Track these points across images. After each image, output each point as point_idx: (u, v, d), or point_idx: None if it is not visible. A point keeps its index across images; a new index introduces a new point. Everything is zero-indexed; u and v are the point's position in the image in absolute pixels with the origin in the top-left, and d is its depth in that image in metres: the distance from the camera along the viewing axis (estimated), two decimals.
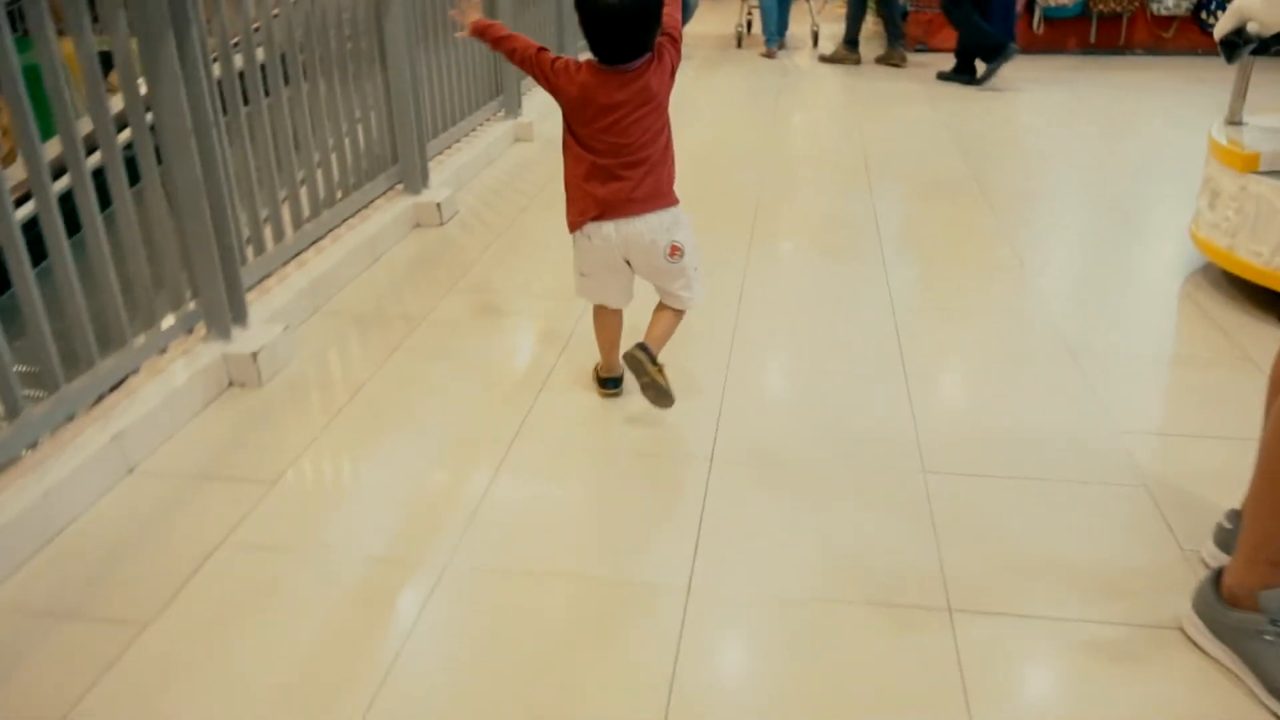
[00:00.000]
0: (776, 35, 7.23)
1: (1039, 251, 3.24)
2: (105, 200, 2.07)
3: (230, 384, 2.35)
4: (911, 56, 6.76)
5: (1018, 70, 6.36)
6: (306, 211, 2.95)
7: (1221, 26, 2.76)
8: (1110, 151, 4.55)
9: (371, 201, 3.37)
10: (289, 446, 2.10)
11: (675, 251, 2.05)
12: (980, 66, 5.93)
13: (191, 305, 2.36)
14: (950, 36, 6.91)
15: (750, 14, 7.82)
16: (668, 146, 2.04)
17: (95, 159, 2.04)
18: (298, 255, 2.88)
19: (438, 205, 3.48)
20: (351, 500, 1.95)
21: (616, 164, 1.98)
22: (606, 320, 2.22)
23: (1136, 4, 6.60)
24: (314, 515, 1.88)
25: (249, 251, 2.64)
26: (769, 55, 7.16)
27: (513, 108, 4.71)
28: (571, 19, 5.81)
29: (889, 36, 6.72)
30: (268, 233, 2.75)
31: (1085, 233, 3.47)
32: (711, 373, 2.39)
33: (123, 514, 1.87)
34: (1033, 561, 1.71)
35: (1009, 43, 5.72)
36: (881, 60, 6.73)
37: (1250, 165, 2.65)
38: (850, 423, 2.19)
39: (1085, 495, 1.91)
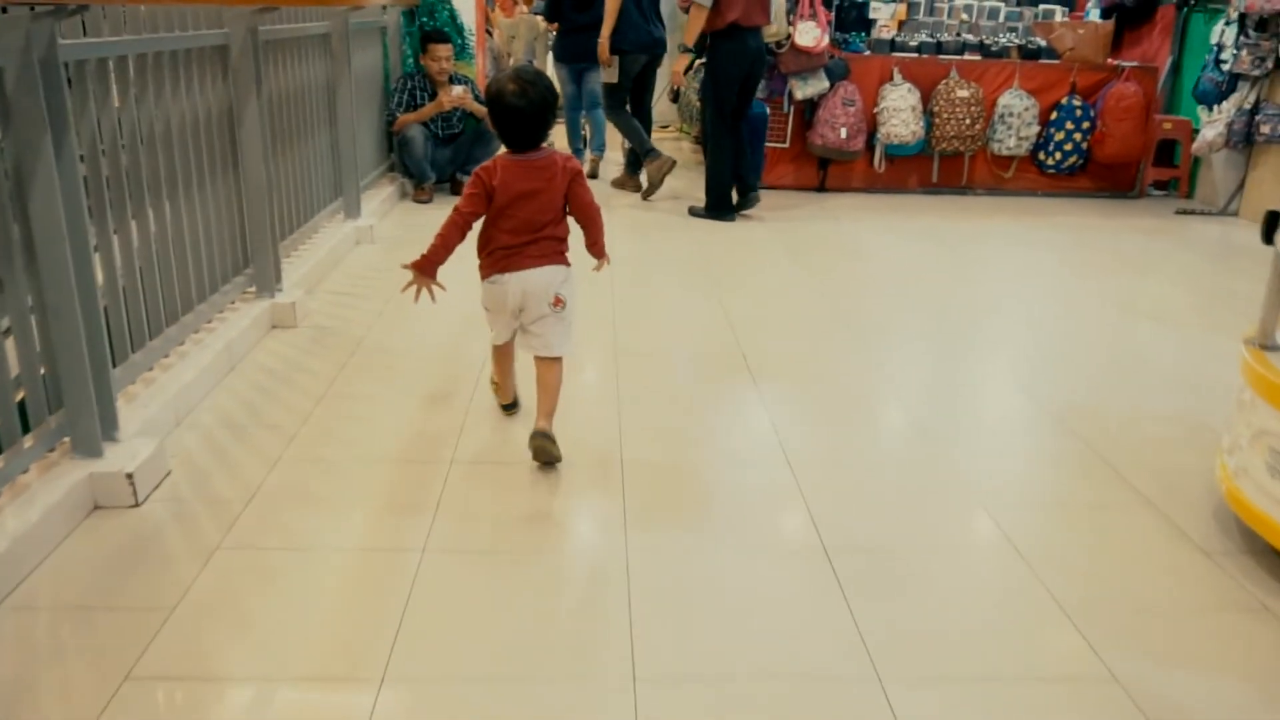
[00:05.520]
0: (586, 147, 6.70)
1: (1014, 512, 2.33)
2: None
3: None
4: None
5: (867, 212, 5.76)
6: None
7: None
8: (1011, 326, 3.84)
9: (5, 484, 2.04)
10: None
11: (559, 302, 2.41)
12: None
13: None
14: (787, 172, 6.32)
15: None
16: (563, 220, 2.42)
17: None
18: None
19: (128, 475, 2.19)
20: None
21: (522, 235, 2.34)
22: (502, 355, 2.64)
23: (978, 144, 6.20)
24: None
25: None
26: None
27: (266, 283, 3.44)
28: (349, 154, 4.68)
29: (628, 162, 6.22)
30: None
31: (1057, 477, 2.63)
32: None
33: None
34: None
35: (751, 193, 5.50)
36: (616, 184, 6.18)
37: None
38: None
39: None
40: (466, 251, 2.49)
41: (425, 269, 2.37)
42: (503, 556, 2.06)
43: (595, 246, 2.53)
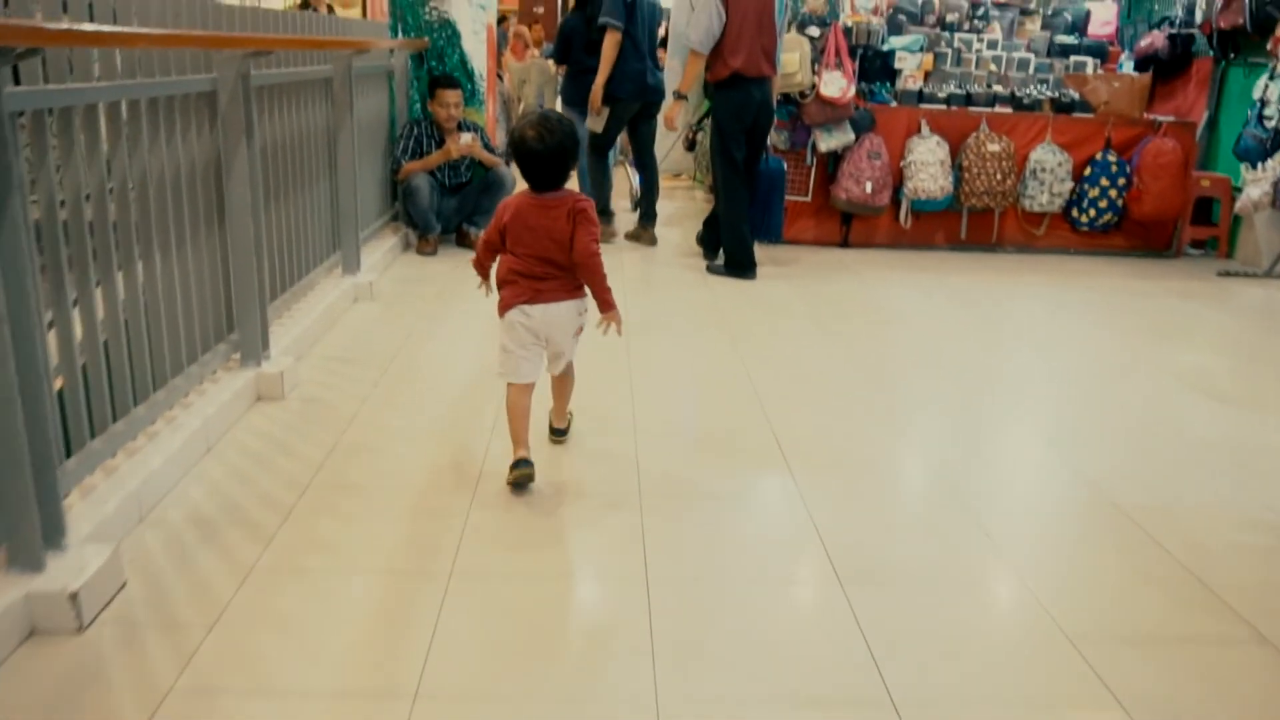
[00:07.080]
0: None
1: (1109, 650, 2.00)
2: None
3: None
4: (774, 251, 5.76)
5: (893, 270, 5.46)
6: None
7: None
8: (1052, 403, 3.51)
9: None
10: None
11: (579, 331, 2.60)
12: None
13: None
14: (808, 227, 6.05)
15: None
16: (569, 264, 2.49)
17: None
18: None
19: (72, 596, 1.86)
20: None
21: (538, 268, 2.47)
22: (517, 398, 2.54)
23: (1009, 200, 5.92)
24: None
25: None
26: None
27: (252, 350, 3.13)
28: (350, 204, 4.40)
29: (642, 212, 5.98)
30: None
31: (1148, 602, 2.29)
32: None
33: None
34: None
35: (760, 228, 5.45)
36: (630, 237, 5.99)
37: None
38: None
39: None
40: (470, 316, 2.19)
41: (478, 269, 2.67)
42: (508, 705, 1.72)
43: (596, 296, 2.53)
